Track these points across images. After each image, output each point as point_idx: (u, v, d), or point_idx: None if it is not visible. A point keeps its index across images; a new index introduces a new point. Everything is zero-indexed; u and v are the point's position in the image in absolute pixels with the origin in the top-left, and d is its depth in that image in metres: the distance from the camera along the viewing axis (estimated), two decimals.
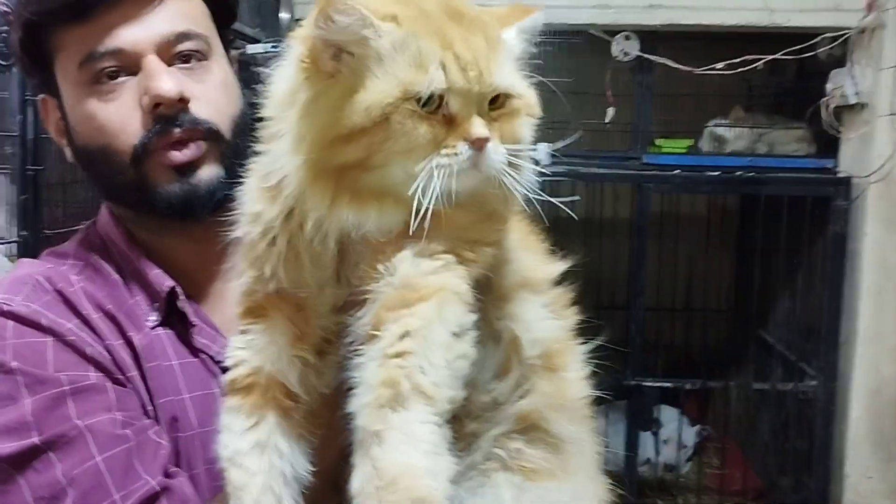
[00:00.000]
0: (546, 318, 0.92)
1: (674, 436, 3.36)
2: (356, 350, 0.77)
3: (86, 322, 1.09)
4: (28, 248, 1.85)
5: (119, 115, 1.11)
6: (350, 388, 0.77)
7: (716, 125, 3.16)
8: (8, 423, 0.99)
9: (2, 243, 1.91)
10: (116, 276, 1.17)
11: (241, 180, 0.93)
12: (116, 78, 1.11)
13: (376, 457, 0.71)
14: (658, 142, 3.09)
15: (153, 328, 1.13)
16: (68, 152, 1.21)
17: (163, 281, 1.15)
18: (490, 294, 0.86)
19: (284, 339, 0.86)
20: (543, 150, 3.05)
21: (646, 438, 3.26)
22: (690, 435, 3.46)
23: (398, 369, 0.73)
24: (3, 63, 1.81)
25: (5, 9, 1.71)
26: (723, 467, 3.42)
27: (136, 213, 1.18)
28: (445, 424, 0.74)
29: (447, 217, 0.77)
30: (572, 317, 0.97)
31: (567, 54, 2.98)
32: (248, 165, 0.91)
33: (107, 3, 1.09)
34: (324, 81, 0.78)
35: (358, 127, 0.76)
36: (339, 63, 0.77)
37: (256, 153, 0.89)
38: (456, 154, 0.76)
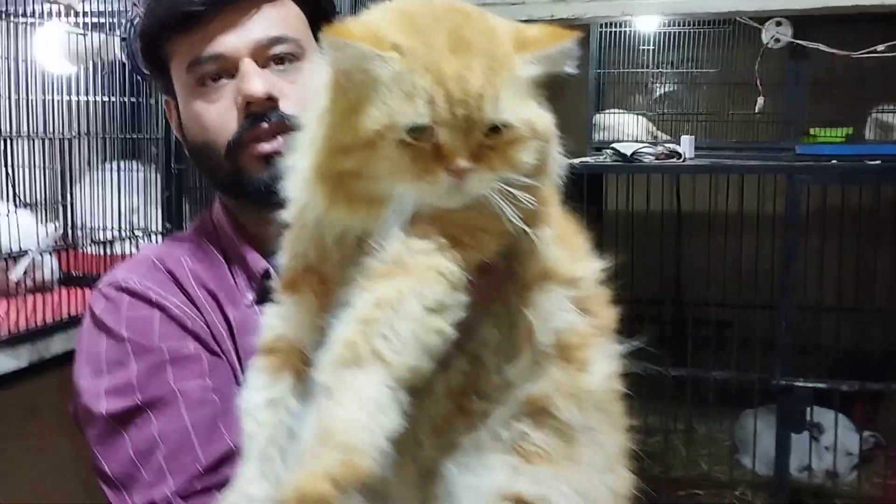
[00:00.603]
0: (567, 310, 0.92)
1: (835, 442, 3.19)
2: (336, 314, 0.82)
3: (190, 299, 1.23)
4: None
5: (219, 115, 1.23)
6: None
7: (881, 111, 2.97)
8: (118, 384, 1.14)
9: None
10: (222, 259, 1.30)
11: None
12: (219, 81, 1.23)
13: (323, 409, 0.75)
14: (813, 131, 2.94)
15: (249, 306, 1.25)
16: (185, 149, 1.36)
17: (259, 263, 1.26)
18: (515, 283, 0.89)
19: (307, 310, 0.93)
20: (687, 143, 3.00)
21: (803, 443, 3.11)
22: (855, 441, 3.26)
23: (361, 334, 0.77)
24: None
25: None
26: (892, 477, 3.20)
27: (237, 201, 1.30)
28: (402, 391, 0.76)
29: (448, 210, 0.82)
30: (609, 315, 0.97)
31: (714, 43, 2.90)
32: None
33: (209, 13, 1.22)
34: (337, 91, 0.84)
35: (351, 144, 0.81)
36: (349, 80, 0.82)
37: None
38: (436, 182, 0.80)
